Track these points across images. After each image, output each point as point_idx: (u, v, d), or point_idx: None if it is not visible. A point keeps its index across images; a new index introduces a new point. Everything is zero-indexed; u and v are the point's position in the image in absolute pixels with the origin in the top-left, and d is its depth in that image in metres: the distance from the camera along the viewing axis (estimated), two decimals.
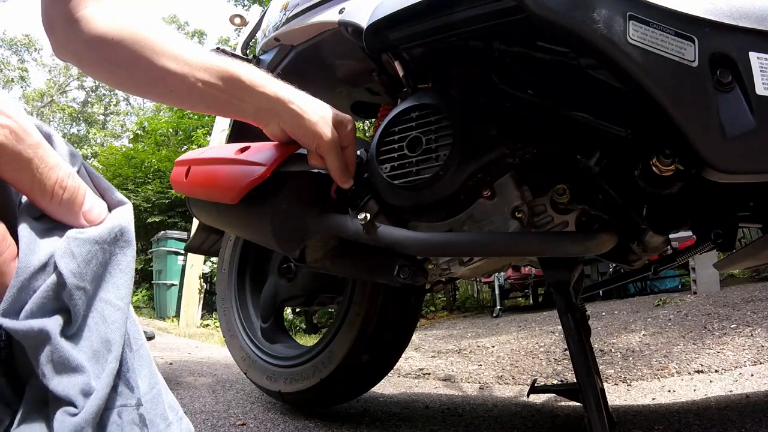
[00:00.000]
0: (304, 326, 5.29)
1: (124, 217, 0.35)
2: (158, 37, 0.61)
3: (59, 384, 0.24)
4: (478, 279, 7.00)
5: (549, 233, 0.82)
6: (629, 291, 5.59)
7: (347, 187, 0.83)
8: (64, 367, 0.25)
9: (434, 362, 2.73)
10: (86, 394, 0.25)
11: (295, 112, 0.73)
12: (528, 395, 1.36)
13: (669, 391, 1.60)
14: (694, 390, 1.57)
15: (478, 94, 0.85)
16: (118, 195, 0.38)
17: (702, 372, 1.78)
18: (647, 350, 2.24)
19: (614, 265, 1.11)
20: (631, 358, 2.14)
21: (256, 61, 1.33)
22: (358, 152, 0.93)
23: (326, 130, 0.75)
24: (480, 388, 2.01)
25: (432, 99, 0.84)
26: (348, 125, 0.79)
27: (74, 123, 23.86)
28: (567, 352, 1.45)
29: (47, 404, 0.25)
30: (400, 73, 0.93)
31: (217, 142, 1.45)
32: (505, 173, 0.82)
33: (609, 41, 0.60)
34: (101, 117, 24.60)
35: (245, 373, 1.43)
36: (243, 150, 0.97)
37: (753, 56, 0.59)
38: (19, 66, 22.69)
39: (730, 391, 1.49)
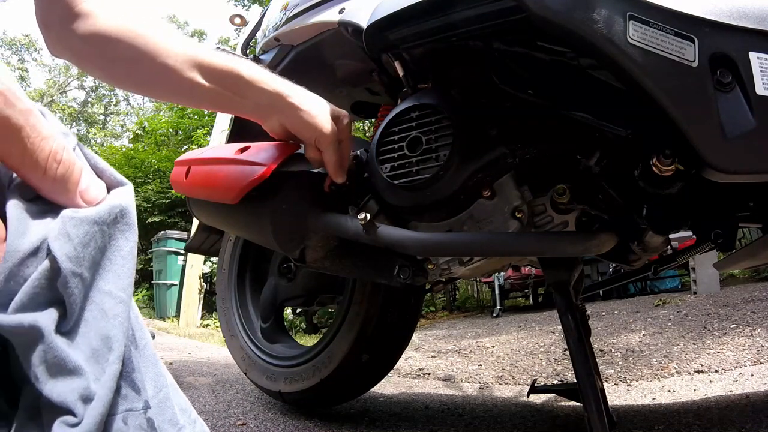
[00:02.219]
0: (304, 326, 5.29)
1: (125, 197, 0.31)
2: (157, 34, 0.61)
3: (54, 389, 0.21)
4: (478, 279, 7.00)
5: (549, 233, 0.82)
6: (629, 291, 5.59)
7: (341, 181, 0.83)
8: (60, 369, 0.21)
9: (434, 362, 2.73)
10: (86, 399, 0.22)
11: (294, 106, 0.73)
12: (528, 395, 1.36)
13: (669, 391, 1.60)
14: (694, 390, 1.57)
15: (478, 94, 0.85)
16: (118, 175, 0.34)
17: (702, 372, 1.78)
18: (647, 350, 2.24)
19: (614, 265, 1.11)
20: (631, 358, 2.14)
21: (256, 61, 1.33)
22: (358, 152, 0.93)
23: (325, 123, 0.75)
24: (480, 388, 2.01)
25: (432, 99, 0.84)
26: (344, 119, 0.79)
27: (74, 123, 23.85)
28: (567, 352, 1.45)
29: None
30: (400, 73, 0.93)
31: (217, 142, 1.45)
32: (505, 173, 0.82)
33: (609, 41, 0.60)
34: (101, 117, 24.61)
35: (245, 373, 1.43)
36: (243, 150, 0.97)
37: (753, 56, 0.59)
38: (19, 66, 22.69)
39: (730, 391, 1.49)
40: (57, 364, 0.21)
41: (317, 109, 0.75)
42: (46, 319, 0.22)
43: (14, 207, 0.25)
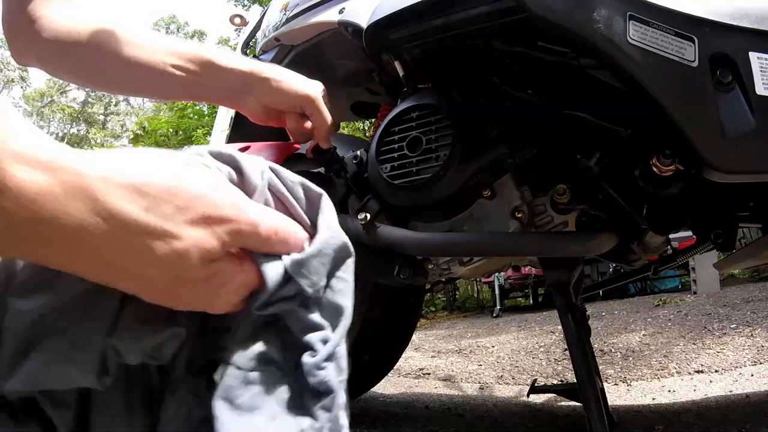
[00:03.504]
0: None
1: (331, 223, 0.37)
2: (121, 28, 0.60)
3: (306, 339, 0.34)
4: (478, 279, 7.00)
5: (549, 233, 0.82)
6: (629, 291, 5.60)
7: (327, 146, 0.80)
8: (308, 327, 0.34)
9: (434, 362, 2.73)
10: (324, 341, 0.34)
11: (270, 79, 0.71)
12: (528, 395, 1.36)
13: (669, 391, 1.60)
14: (694, 390, 1.57)
15: (478, 94, 0.85)
16: (312, 191, 0.37)
17: (702, 372, 1.78)
18: (647, 350, 2.24)
19: (614, 265, 1.11)
20: (631, 358, 2.14)
21: None
22: (358, 152, 0.93)
23: (306, 86, 0.73)
24: (480, 388, 2.01)
25: (432, 99, 0.84)
26: (320, 85, 0.75)
27: (74, 123, 23.87)
28: (567, 352, 1.45)
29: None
30: (400, 73, 0.93)
31: (217, 142, 1.45)
32: (505, 173, 0.82)
33: (609, 41, 0.60)
34: (101, 117, 24.61)
35: None
36: (243, 150, 0.97)
37: (753, 56, 0.59)
38: (19, 66, 22.71)
39: (730, 391, 1.49)
40: (307, 326, 0.34)
41: (293, 77, 0.73)
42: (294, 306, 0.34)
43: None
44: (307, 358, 0.33)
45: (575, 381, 0.79)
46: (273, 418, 0.32)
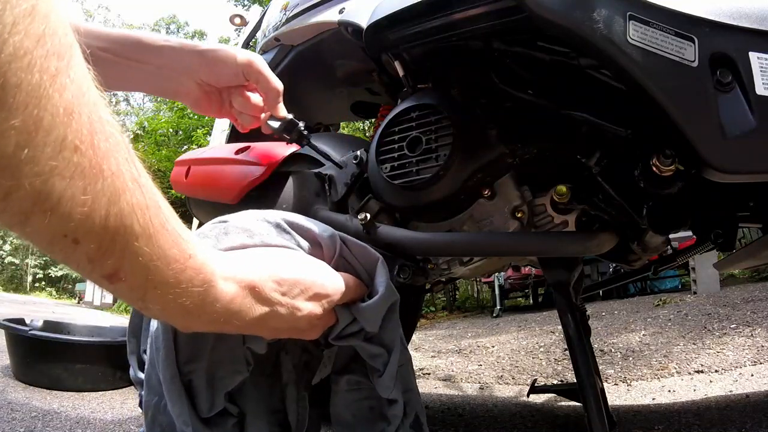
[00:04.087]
0: None
1: (386, 284, 0.52)
2: None
3: (372, 364, 0.52)
4: (478, 279, 7.01)
5: (549, 233, 0.82)
6: (629, 291, 5.60)
7: (282, 115, 0.72)
8: (372, 356, 0.51)
9: (434, 362, 2.73)
10: (385, 365, 0.51)
11: (205, 51, 0.65)
12: (528, 395, 1.36)
13: (669, 391, 1.60)
14: (694, 390, 1.57)
15: (478, 94, 0.85)
16: (371, 254, 0.55)
17: (702, 372, 1.78)
18: (647, 350, 2.24)
19: (614, 265, 1.11)
20: (631, 358, 2.14)
21: None
22: (358, 152, 0.93)
23: (248, 53, 0.67)
24: (480, 388, 2.01)
25: (432, 99, 0.84)
26: (257, 55, 0.70)
27: None
28: (567, 352, 1.45)
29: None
30: (400, 73, 0.93)
31: (217, 142, 1.45)
32: (505, 173, 0.82)
33: (609, 41, 0.59)
34: None
35: None
36: (243, 150, 0.97)
37: (753, 56, 0.59)
38: None
39: (730, 391, 1.49)
40: (371, 354, 0.52)
41: (228, 47, 0.67)
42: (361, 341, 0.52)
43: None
44: (376, 379, 0.51)
45: (575, 381, 0.79)
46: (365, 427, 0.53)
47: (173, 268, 0.29)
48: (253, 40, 1.47)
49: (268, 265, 0.41)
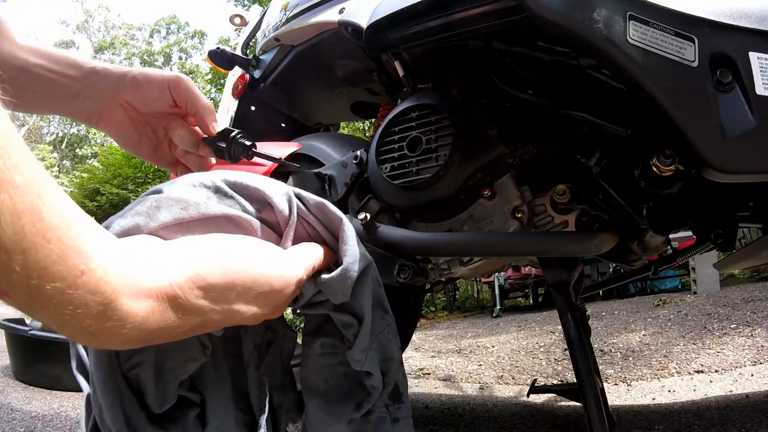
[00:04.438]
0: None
1: (352, 250, 0.46)
2: None
3: (344, 333, 0.46)
4: (478, 279, 7.01)
5: (549, 233, 0.82)
6: (629, 291, 5.59)
7: (213, 132, 0.62)
8: (343, 325, 0.46)
9: (434, 362, 2.73)
10: (355, 336, 0.46)
11: (132, 70, 0.60)
12: (528, 395, 1.36)
13: (669, 391, 1.60)
14: (694, 390, 1.57)
15: (478, 94, 0.85)
16: (333, 213, 0.47)
17: (702, 372, 1.78)
18: (647, 350, 2.24)
19: (614, 265, 1.11)
20: (631, 358, 2.14)
21: (256, 61, 1.33)
22: (358, 152, 0.93)
23: (176, 73, 0.62)
24: (480, 388, 2.01)
25: (432, 99, 0.84)
26: (185, 76, 0.64)
27: (74, 123, 23.84)
28: (567, 352, 1.45)
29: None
30: (400, 73, 0.93)
31: None
32: (505, 173, 0.82)
33: (609, 41, 0.59)
34: None
35: None
36: None
37: (753, 56, 0.59)
38: None
39: (730, 391, 1.49)
40: (343, 323, 0.46)
41: (154, 69, 0.63)
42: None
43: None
44: (347, 351, 0.46)
45: (575, 381, 0.79)
46: (339, 396, 0.48)
47: (57, 287, 0.25)
48: (253, 40, 1.47)
49: (194, 265, 0.33)
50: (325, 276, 0.44)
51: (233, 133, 0.61)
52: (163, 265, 0.32)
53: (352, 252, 0.45)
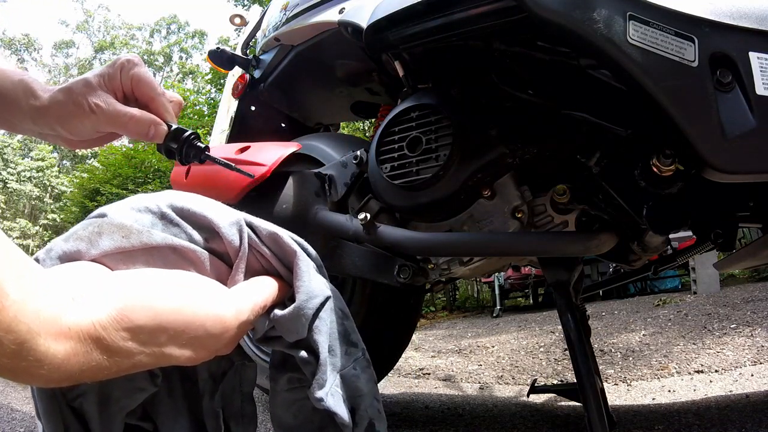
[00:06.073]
0: None
1: (306, 286, 0.42)
2: None
3: (304, 369, 0.44)
4: (478, 279, 7.01)
5: (549, 233, 0.82)
6: (629, 291, 5.60)
7: (162, 137, 0.55)
8: (302, 362, 0.43)
9: (434, 362, 2.73)
10: (313, 374, 0.43)
11: (84, 77, 0.54)
12: (528, 395, 1.36)
13: (669, 391, 1.60)
14: (694, 390, 1.57)
15: (478, 94, 0.85)
16: (287, 246, 0.43)
17: (702, 372, 1.78)
18: (647, 350, 2.24)
19: (614, 265, 1.11)
20: (631, 358, 2.14)
21: (256, 61, 1.33)
22: (358, 152, 0.93)
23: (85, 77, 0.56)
24: (480, 388, 2.01)
25: (432, 99, 0.84)
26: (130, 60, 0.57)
27: None
28: (567, 352, 1.45)
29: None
30: (400, 73, 0.93)
31: (217, 142, 1.45)
32: (505, 173, 0.82)
33: (609, 41, 0.59)
34: None
35: None
36: (243, 150, 0.97)
37: (753, 56, 0.59)
38: (18, 66, 22.66)
39: (730, 391, 1.49)
40: (301, 361, 0.43)
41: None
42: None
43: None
44: (308, 390, 0.43)
45: (575, 381, 0.79)
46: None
47: None
48: (253, 40, 1.47)
49: (122, 304, 0.31)
50: (278, 312, 0.41)
51: (185, 134, 0.56)
52: (89, 304, 0.30)
53: (306, 288, 0.42)
